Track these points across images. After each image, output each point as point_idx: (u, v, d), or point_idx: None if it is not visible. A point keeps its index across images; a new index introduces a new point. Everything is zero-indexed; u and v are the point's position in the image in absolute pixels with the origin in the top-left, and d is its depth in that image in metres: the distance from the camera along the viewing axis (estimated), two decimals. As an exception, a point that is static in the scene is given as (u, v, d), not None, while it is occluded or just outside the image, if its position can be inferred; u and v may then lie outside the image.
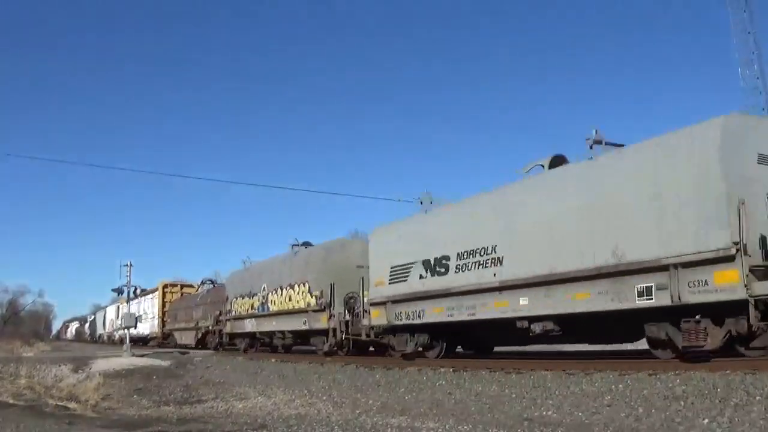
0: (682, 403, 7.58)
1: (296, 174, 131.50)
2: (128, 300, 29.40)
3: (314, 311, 19.15)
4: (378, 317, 15.97)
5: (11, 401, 12.95)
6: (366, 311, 16.60)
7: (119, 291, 28.96)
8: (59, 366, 19.70)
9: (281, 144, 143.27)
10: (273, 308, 22.14)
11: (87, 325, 79.46)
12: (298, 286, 20.40)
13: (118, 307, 51.51)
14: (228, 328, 26.84)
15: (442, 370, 12.45)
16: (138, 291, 37.84)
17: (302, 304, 19.94)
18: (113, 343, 51.26)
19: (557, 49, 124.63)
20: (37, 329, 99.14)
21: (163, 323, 40.05)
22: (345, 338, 18.02)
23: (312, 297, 19.33)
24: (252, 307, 23.95)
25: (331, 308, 18.27)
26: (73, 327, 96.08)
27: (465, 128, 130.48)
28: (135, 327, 30.25)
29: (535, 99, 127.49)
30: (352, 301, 17.97)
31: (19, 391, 14.36)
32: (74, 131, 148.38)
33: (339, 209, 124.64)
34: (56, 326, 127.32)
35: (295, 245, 22.61)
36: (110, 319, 57.08)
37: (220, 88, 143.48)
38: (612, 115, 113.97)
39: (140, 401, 13.10)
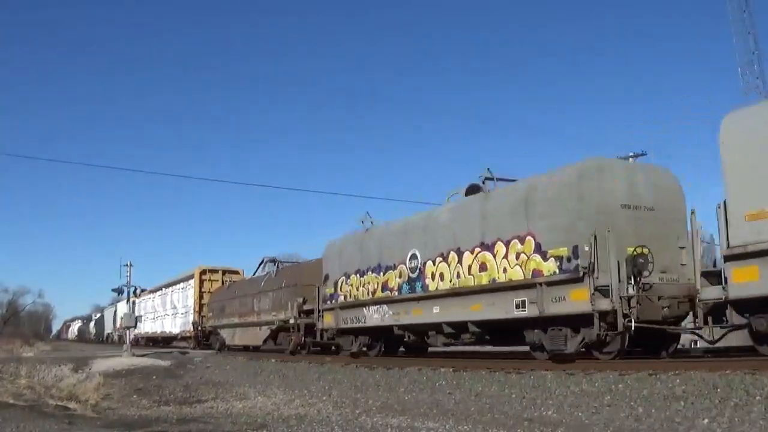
0: (682, 403, 7.59)
1: (296, 174, 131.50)
2: (128, 300, 29.42)
3: (552, 284, 11.55)
4: (759, 282, 8.80)
5: (11, 401, 12.95)
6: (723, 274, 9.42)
7: (119, 291, 28.99)
8: (59, 366, 19.68)
9: (281, 144, 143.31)
10: (438, 287, 14.33)
11: (92, 323, 76.12)
12: (506, 244, 12.60)
13: (133, 303, 46.97)
14: (329, 321, 18.92)
15: (442, 370, 12.45)
16: (138, 291, 36.33)
17: (519, 275, 12.24)
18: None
19: (560, 51, 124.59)
20: (37, 329, 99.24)
21: (200, 319, 32.51)
22: (629, 326, 10.50)
23: (548, 260, 11.68)
24: (384, 287, 16.21)
25: (594, 275, 10.81)
26: (76, 326, 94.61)
27: (466, 129, 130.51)
28: (135, 327, 30.04)
29: (539, 101, 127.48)
30: (641, 262, 10.76)
31: (20, 391, 14.36)
32: (74, 131, 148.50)
33: (338, 209, 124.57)
34: (56, 326, 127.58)
35: (489, 179, 13.97)
36: (122, 316, 53.38)
37: (220, 89, 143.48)
38: (613, 115, 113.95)
39: (140, 401, 13.09)
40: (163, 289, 39.70)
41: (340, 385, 13.23)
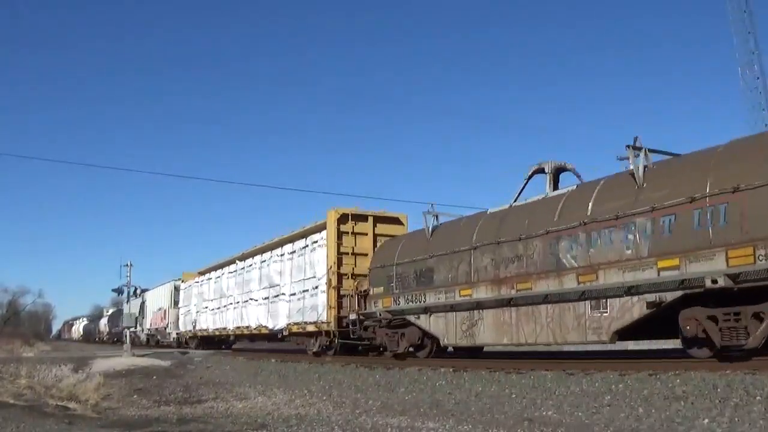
0: (682, 403, 7.58)
1: (295, 174, 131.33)
2: (128, 300, 29.45)
3: None
4: None
5: (11, 401, 12.92)
6: None
7: (119, 291, 29.08)
8: (59, 366, 19.65)
9: (281, 144, 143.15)
10: None
11: (103, 321, 66.67)
12: None
13: (175, 289, 35.53)
14: None
15: (442, 370, 12.45)
16: (138, 291, 34.40)
17: None
18: (158, 344, 37.87)
19: (560, 51, 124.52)
20: (37, 329, 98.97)
21: (338, 300, 18.37)
22: None
23: None
24: None
25: None
26: (81, 325, 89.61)
27: (466, 129, 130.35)
28: (135, 327, 30.01)
29: (539, 101, 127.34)
30: None
31: (20, 391, 14.33)
32: (74, 131, 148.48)
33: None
34: (56, 326, 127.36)
35: None
36: (155, 309, 39.68)
37: (220, 89, 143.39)
38: (614, 116, 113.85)
39: (140, 401, 13.08)
40: (238, 263, 25.15)
41: (340, 385, 13.22)
